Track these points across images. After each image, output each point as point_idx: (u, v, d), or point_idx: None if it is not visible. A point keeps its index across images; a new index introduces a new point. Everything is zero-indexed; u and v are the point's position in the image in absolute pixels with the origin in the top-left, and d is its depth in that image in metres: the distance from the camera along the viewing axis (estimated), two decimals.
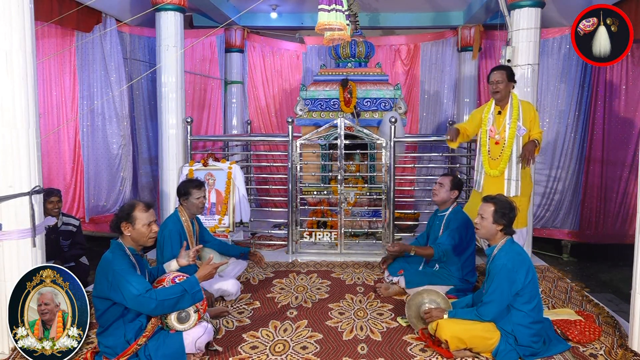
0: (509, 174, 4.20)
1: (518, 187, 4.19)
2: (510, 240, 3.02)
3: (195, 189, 3.80)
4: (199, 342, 2.83)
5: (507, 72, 4.24)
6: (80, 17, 5.48)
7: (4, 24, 2.91)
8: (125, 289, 2.60)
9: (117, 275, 2.62)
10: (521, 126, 4.19)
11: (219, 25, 6.42)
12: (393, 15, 7.65)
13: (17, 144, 2.99)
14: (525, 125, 4.19)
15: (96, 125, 6.25)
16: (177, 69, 5.39)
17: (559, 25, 6.28)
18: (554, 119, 6.45)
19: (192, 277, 2.82)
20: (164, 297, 2.66)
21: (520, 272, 2.89)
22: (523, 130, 4.18)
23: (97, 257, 2.80)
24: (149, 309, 2.65)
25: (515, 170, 4.18)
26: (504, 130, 4.21)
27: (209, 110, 7.40)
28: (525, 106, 4.25)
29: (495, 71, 4.28)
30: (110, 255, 2.72)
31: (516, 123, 4.18)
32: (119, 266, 2.66)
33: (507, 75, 4.21)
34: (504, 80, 4.20)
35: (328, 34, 4.41)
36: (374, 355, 3.05)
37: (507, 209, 2.99)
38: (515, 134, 4.17)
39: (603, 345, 3.14)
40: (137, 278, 2.67)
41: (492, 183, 4.27)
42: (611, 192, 6.10)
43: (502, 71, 4.24)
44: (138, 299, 2.61)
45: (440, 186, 4.06)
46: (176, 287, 2.75)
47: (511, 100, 4.24)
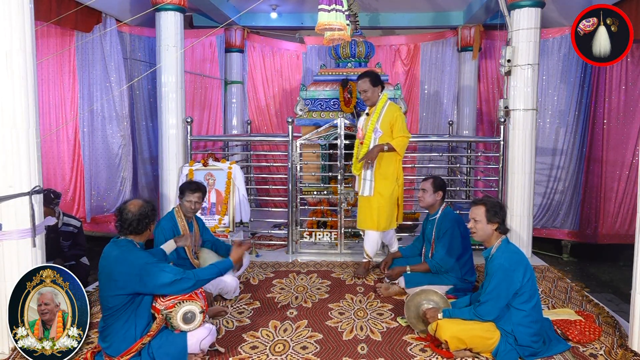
0: (364, 174, 4.29)
1: (371, 187, 4.27)
2: (506, 240, 3.03)
3: (189, 192, 3.82)
4: (204, 343, 2.84)
5: (371, 78, 4.25)
6: (80, 17, 5.48)
7: (4, 24, 2.91)
8: (160, 276, 2.66)
9: (149, 267, 2.66)
10: (378, 128, 4.23)
11: (219, 25, 6.42)
12: (393, 15, 7.65)
13: (17, 144, 2.99)
14: (384, 127, 4.21)
15: (96, 125, 6.26)
16: (177, 69, 5.39)
17: (559, 25, 6.28)
18: (554, 119, 6.45)
19: (228, 260, 3.02)
20: (201, 276, 2.83)
21: (518, 271, 2.89)
22: (379, 132, 4.22)
23: (98, 257, 2.79)
24: (186, 287, 2.75)
25: (369, 170, 4.26)
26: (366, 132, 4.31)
27: (209, 110, 7.40)
28: (390, 108, 4.27)
29: (360, 80, 4.30)
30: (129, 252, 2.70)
31: (375, 124, 4.23)
32: (147, 258, 2.71)
33: (371, 81, 4.24)
34: (370, 88, 4.24)
35: (328, 34, 4.41)
36: (374, 355, 3.05)
37: (498, 207, 3.01)
38: (372, 135, 4.22)
39: (603, 345, 3.14)
40: (167, 265, 2.77)
41: (359, 183, 4.41)
42: (611, 192, 6.11)
43: (365, 79, 4.26)
44: (175, 283, 2.70)
45: (423, 192, 4.07)
46: (212, 268, 2.93)
47: (378, 102, 4.30)
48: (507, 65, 4.95)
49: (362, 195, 4.36)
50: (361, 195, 4.37)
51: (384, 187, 4.29)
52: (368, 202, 4.34)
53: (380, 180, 4.28)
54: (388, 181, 4.30)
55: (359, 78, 4.36)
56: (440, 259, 3.92)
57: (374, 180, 4.28)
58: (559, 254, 6.54)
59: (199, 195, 3.85)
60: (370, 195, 4.28)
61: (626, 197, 6.07)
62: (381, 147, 4.20)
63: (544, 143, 6.44)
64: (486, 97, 7.50)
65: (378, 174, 4.28)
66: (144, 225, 2.77)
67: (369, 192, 4.28)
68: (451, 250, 3.89)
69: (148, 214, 2.77)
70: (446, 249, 3.90)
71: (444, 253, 3.90)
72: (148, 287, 2.67)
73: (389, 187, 4.30)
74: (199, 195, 3.85)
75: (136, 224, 2.74)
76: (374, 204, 4.30)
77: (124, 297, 2.67)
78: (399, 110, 4.33)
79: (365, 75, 4.32)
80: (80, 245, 4.70)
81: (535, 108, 5.03)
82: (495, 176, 5.35)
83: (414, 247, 4.36)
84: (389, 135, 4.25)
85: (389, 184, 4.30)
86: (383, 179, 4.29)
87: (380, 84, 4.32)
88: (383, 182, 4.29)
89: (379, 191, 4.28)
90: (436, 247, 3.99)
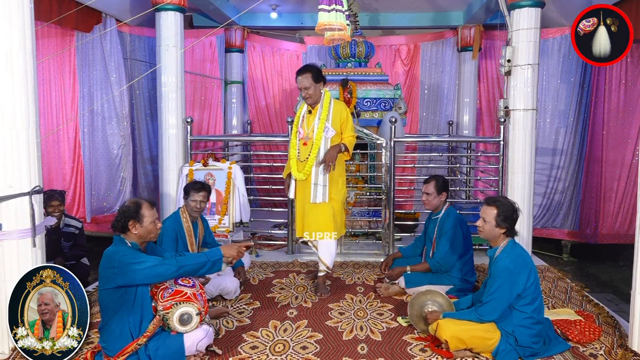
0: (316, 178, 3.90)
1: (325, 193, 3.91)
2: (512, 242, 3.01)
3: (194, 191, 3.86)
4: (200, 345, 2.84)
5: (313, 73, 3.88)
6: (80, 17, 5.48)
7: (4, 24, 2.90)
8: (137, 266, 2.63)
9: (124, 259, 2.64)
10: (329, 127, 3.91)
11: (219, 25, 6.42)
12: (393, 15, 7.65)
13: (17, 144, 2.99)
14: (335, 126, 3.92)
15: (96, 125, 6.26)
16: (177, 69, 5.39)
17: (559, 25, 6.28)
18: (554, 119, 6.46)
19: (217, 249, 2.88)
20: (185, 262, 2.75)
21: (522, 274, 2.88)
22: (332, 131, 3.91)
23: (98, 257, 2.79)
24: (170, 273, 2.70)
25: (321, 175, 3.89)
26: (312, 131, 3.93)
27: (209, 110, 7.41)
28: (337, 106, 3.98)
29: (300, 76, 3.90)
30: (113, 248, 2.73)
31: (324, 123, 3.89)
32: (123, 252, 2.68)
33: (313, 77, 3.86)
34: (312, 84, 3.87)
35: (328, 34, 4.41)
36: (374, 355, 3.05)
37: (510, 212, 2.96)
38: (323, 135, 3.89)
39: (603, 345, 3.14)
40: (145, 256, 2.72)
41: (301, 188, 4.02)
42: (611, 192, 6.11)
43: (307, 74, 3.87)
44: (155, 269, 2.66)
45: (427, 195, 4.04)
46: (200, 256, 2.84)
47: (322, 99, 3.95)
48: (507, 65, 4.95)
49: (314, 203, 3.93)
50: (313, 203, 3.93)
51: (336, 191, 3.99)
52: (322, 209, 3.96)
53: (332, 185, 3.95)
54: (338, 185, 4.01)
55: (298, 73, 3.91)
56: (441, 258, 3.92)
57: (327, 185, 3.92)
58: (559, 254, 6.54)
59: (204, 194, 3.87)
60: (325, 202, 3.92)
61: (626, 197, 6.07)
62: (339, 148, 3.90)
63: (544, 143, 6.44)
64: (486, 97, 7.50)
65: (330, 177, 3.93)
66: (119, 221, 2.73)
67: (323, 198, 3.91)
68: (452, 249, 3.89)
69: (128, 211, 2.73)
70: (447, 248, 3.90)
71: (445, 252, 3.90)
72: (128, 276, 2.64)
73: (340, 191, 4.04)
74: (204, 194, 3.88)
75: (116, 220, 2.75)
76: (329, 211, 3.96)
77: (112, 292, 2.67)
78: (346, 107, 4.07)
79: (307, 70, 3.89)
80: (81, 245, 4.70)
81: (535, 108, 5.03)
82: (495, 176, 5.35)
83: (415, 247, 4.36)
84: (339, 135, 3.96)
85: (340, 188, 4.03)
86: (334, 183, 3.97)
87: (323, 79, 3.96)
88: (334, 186, 3.97)
89: (332, 196, 3.96)
90: (437, 246, 4.00)
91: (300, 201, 4.07)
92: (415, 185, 7.56)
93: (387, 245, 5.09)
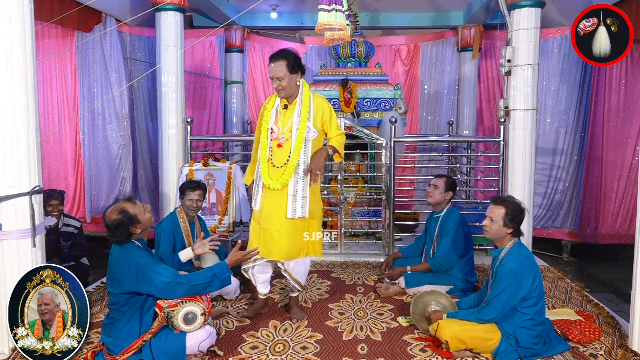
0: (294, 189, 3.21)
1: (306, 205, 3.23)
2: (519, 243, 3.00)
3: (189, 190, 3.87)
4: (202, 345, 2.84)
5: (288, 61, 3.15)
6: (80, 17, 5.49)
7: (4, 24, 2.90)
8: (154, 278, 2.65)
9: (143, 268, 2.65)
10: (311, 127, 3.24)
11: (219, 25, 6.42)
12: (393, 15, 7.65)
13: (17, 144, 2.99)
14: (317, 125, 3.27)
15: (96, 125, 6.26)
16: (177, 69, 5.39)
17: (559, 25, 6.29)
18: (554, 119, 6.46)
19: (223, 263, 2.87)
20: (195, 282, 2.74)
21: (528, 276, 2.88)
22: (314, 132, 3.26)
23: (98, 257, 2.80)
24: (180, 293, 2.71)
25: (302, 185, 3.21)
26: (289, 131, 3.24)
27: (209, 110, 7.41)
28: (318, 102, 3.30)
29: (272, 63, 3.17)
30: (127, 252, 2.72)
31: (305, 123, 3.22)
32: (142, 259, 2.69)
33: (288, 66, 3.15)
34: (287, 75, 3.15)
35: (328, 34, 4.41)
36: (374, 355, 3.05)
37: (518, 211, 2.96)
38: (304, 137, 3.22)
39: (603, 345, 3.13)
40: (162, 267, 2.73)
41: (273, 199, 3.25)
42: (611, 192, 6.11)
43: (280, 62, 3.14)
44: (169, 286, 2.67)
45: (434, 188, 4.04)
46: (207, 272, 2.82)
47: (301, 93, 3.25)
48: (507, 65, 4.95)
49: (292, 218, 3.22)
50: (291, 218, 3.22)
51: (315, 204, 3.33)
52: (300, 226, 3.28)
53: (311, 196, 3.29)
54: (317, 196, 3.37)
55: (271, 59, 3.19)
56: (442, 258, 3.91)
57: (308, 196, 3.25)
58: (559, 254, 6.55)
59: (199, 193, 3.88)
60: (305, 217, 3.25)
61: (626, 197, 6.08)
62: (326, 153, 3.27)
63: (544, 143, 6.45)
64: (486, 97, 7.51)
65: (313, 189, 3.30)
66: (120, 234, 2.71)
67: (302, 212, 3.22)
68: (453, 248, 3.89)
69: (123, 223, 2.70)
70: (448, 247, 3.89)
71: (446, 251, 3.90)
72: (143, 289, 2.68)
73: (319, 203, 3.41)
74: (200, 193, 3.88)
75: (112, 235, 2.74)
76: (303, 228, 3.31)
77: (126, 296, 2.70)
78: (328, 102, 3.40)
79: (281, 56, 3.16)
80: (80, 245, 4.69)
81: (535, 108, 5.03)
82: (495, 176, 5.35)
83: (415, 247, 4.35)
84: (321, 136, 3.35)
85: (318, 200, 3.40)
86: (313, 194, 3.32)
87: (301, 69, 3.23)
88: (313, 197, 3.31)
89: (311, 210, 3.30)
90: (438, 246, 3.99)
91: (267, 215, 3.29)
92: (415, 185, 7.56)
93: (387, 245, 5.09)
